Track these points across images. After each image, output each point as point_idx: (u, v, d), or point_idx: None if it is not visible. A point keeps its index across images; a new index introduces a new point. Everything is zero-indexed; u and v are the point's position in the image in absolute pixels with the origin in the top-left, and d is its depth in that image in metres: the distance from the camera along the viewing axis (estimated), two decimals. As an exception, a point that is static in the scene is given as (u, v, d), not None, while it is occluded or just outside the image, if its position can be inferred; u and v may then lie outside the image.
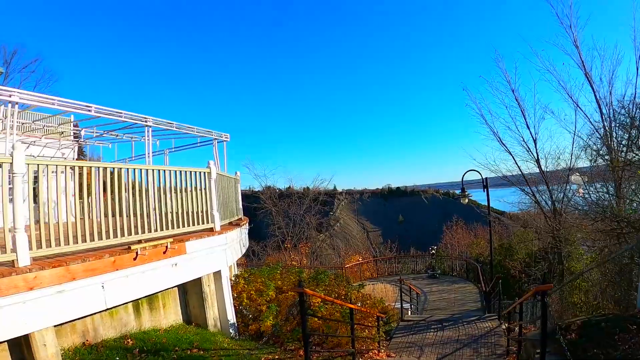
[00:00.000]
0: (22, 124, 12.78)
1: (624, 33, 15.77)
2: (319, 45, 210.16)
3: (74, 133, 14.75)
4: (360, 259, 24.42)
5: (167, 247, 6.36)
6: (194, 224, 7.48)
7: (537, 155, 16.35)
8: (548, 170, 16.17)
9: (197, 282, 7.46)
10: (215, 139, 13.57)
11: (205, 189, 7.94)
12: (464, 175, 15.18)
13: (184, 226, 7.22)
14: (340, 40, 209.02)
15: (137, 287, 5.95)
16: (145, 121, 10.88)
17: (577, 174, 12.93)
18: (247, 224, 11.19)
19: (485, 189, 14.67)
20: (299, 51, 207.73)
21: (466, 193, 15.32)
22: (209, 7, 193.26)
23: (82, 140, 15.18)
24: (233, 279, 9.22)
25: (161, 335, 6.54)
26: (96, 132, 13.58)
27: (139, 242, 6.23)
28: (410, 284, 14.21)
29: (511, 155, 17.14)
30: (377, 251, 37.52)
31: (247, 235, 11.14)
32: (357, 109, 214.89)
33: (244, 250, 10.01)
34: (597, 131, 13.25)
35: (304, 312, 5.00)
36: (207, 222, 7.84)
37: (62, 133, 14.33)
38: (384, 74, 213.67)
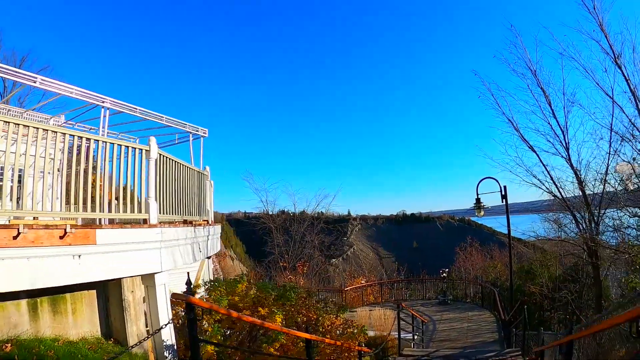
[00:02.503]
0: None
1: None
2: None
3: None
4: (363, 282, 22.24)
5: (65, 230, 4.66)
6: (117, 211, 5.77)
7: (567, 146, 13.59)
8: (581, 165, 13.39)
9: (119, 285, 5.68)
10: (190, 132, 12.08)
11: (141, 169, 6.25)
12: (479, 183, 13.21)
13: (102, 211, 5.48)
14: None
15: (17, 277, 4.30)
16: (103, 102, 9.38)
17: (625, 161, 10.62)
18: (211, 227, 9.46)
19: (504, 199, 12.69)
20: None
21: (482, 204, 13.22)
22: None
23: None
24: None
25: (54, 346, 4.75)
26: (62, 122, 12.14)
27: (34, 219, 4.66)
28: (412, 310, 12.05)
29: (534, 151, 14.33)
30: (388, 277, 35.09)
31: (212, 241, 9.48)
32: (369, 132, 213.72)
33: (201, 256, 8.21)
34: (633, 125, 11.12)
35: (193, 335, 3.25)
36: (139, 212, 6.11)
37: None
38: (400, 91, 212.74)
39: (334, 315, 7.00)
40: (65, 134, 5.27)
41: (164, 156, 6.91)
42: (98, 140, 5.67)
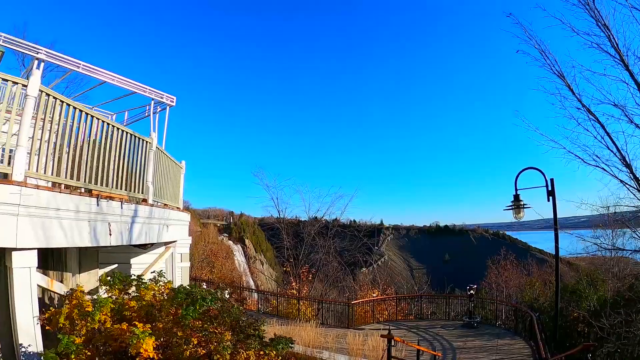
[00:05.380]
0: None
1: None
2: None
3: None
4: (375, 295, 18.91)
5: None
6: None
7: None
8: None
9: None
10: (153, 99, 9.84)
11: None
12: (518, 176, 9.88)
13: None
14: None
15: None
16: (37, 53, 7.61)
17: None
18: (147, 209, 7.13)
19: (552, 197, 9.35)
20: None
21: (521, 203, 9.85)
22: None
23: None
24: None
25: None
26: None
27: None
28: (414, 344, 8.79)
29: (596, 118, 8.72)
30: (419, 289, 31.53)
31: (152, 227, 7.38)
32: (405, 141, 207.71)
33: (110, 241, 5.82)
34: None
35: None
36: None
37: None
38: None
39: (255, 350, 4.07)
40: None
41: (55, 98, 4.90)
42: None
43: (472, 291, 16.84)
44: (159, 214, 7.83)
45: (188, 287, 5.07)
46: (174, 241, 10.22)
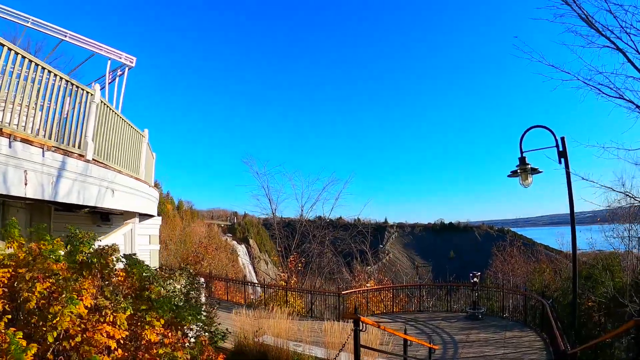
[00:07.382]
0: None
1: None
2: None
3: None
4: (369, 285, 17.14)
5: None
6: None
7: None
8: None
9: None
10: (111, 59, 8.79)
11: None
12: (523, 136, 8.12)
13: None
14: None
15: None
16: None
17: None
18: (81, 164, 6.02)
19: (564, 158, 7.61)
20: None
21: (528, 165, 8.10)
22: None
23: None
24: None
25: None
26: None
27: None
28: (399, 333, 7.06)
29: (612, 43, 6.85)
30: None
31: (87, 185, 6.19)
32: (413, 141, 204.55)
33: (17, 190, 4.78)
34: None
35: None
36: None
37: None
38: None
39: (125, 314, 2.54)
40: None
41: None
42: None
43: (475, 279, 15.04)
44: (99, 173, 6.48)
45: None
46: (134, 214, 8.88)
